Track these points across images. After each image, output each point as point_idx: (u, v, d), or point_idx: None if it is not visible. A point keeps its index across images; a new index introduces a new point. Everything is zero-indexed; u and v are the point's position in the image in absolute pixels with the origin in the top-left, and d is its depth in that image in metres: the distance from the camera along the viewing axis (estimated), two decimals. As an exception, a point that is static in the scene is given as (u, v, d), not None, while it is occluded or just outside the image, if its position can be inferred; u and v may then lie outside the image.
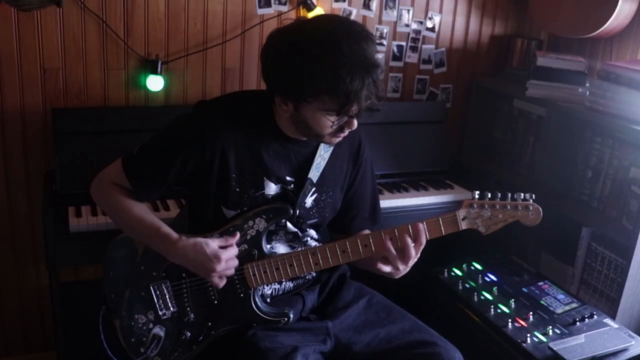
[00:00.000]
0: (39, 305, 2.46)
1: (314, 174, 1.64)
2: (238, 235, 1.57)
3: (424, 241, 1.56)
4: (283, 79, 1.45)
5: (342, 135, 1.54)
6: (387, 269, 1.58)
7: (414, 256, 1.56)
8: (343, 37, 1.38)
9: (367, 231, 1.77)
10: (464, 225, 1.57)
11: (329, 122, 1.47)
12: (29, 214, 2.33)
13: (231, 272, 1.55)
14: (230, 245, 1.55)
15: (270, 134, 1.59)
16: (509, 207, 1.56)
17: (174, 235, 1.54)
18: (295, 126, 1.54)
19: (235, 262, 1.55)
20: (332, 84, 1.38)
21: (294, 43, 1.41)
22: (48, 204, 1.99)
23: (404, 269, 1.58)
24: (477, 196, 1.57)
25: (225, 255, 1.52)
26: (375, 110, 1.46)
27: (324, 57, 1.38)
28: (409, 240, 1.54)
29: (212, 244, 1.52)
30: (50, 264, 1.96)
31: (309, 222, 1.69)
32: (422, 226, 1.55)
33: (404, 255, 1.55)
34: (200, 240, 1.52)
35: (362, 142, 1.73)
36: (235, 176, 1.57)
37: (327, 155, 1.66)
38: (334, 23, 1.43)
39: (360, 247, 1.58)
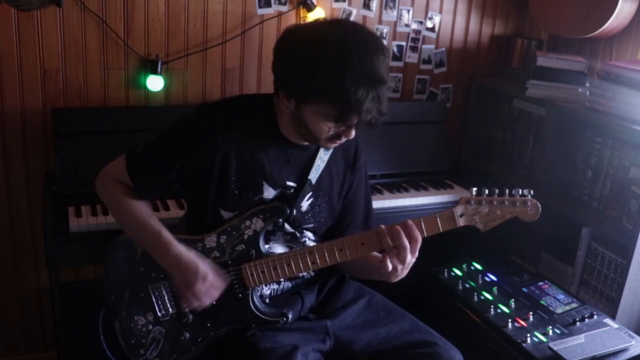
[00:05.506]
0: (39, 305, 2.46)
1: (313, 175, 1.65)
2: (230, 277, 1.59)
3: (418, 238, 1.53)
4: (290, 75, 1.46)
5: (339, 142, 1.54)
6: (388, 266, 1.53)
7: (409, 254, 1.53)
8: (355, 46, 1.38)
9: None
10: (461, 222, 1.56)
11: (326, 127, 1.47)
12: (29, 214, 2.33)
13: (207, 299, 1.56)
14: (222, 278, 1.57)
15: (271, 139, 1.59)
16: (507, 203, 1.55)
17: (173, 241, 1.55)
18: (294, 125, 1.54)
19: (216, 294, 1.56)
20: (335, 91, 1.39)
21: (308, 43, 1.43)
22: (48, 204, 1.99)
23: (401, 270, 1.55)
24: (474, 193, 1.55)
25: (212, 279, 1.54)
26: (374, 125, 1.45)
27: (333, 63, 1.38)
28: (404, 238, 1.52)
29: (207, 266, 1.55)
30: (50, 264, 1.96)
31: (305, 226, 1.69)
32: (410, 222, 1.53)
33: (399, 253, 1.52)
34: (199, 257, 1.55)
35: (358, 149, 1.74)
36: (235, 179, 1.58)
37: (326, 158, 1.67)
38: (349, 31, 1.43)
39: (357, 245, 1.57)
